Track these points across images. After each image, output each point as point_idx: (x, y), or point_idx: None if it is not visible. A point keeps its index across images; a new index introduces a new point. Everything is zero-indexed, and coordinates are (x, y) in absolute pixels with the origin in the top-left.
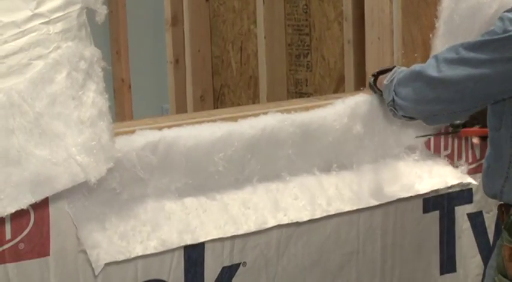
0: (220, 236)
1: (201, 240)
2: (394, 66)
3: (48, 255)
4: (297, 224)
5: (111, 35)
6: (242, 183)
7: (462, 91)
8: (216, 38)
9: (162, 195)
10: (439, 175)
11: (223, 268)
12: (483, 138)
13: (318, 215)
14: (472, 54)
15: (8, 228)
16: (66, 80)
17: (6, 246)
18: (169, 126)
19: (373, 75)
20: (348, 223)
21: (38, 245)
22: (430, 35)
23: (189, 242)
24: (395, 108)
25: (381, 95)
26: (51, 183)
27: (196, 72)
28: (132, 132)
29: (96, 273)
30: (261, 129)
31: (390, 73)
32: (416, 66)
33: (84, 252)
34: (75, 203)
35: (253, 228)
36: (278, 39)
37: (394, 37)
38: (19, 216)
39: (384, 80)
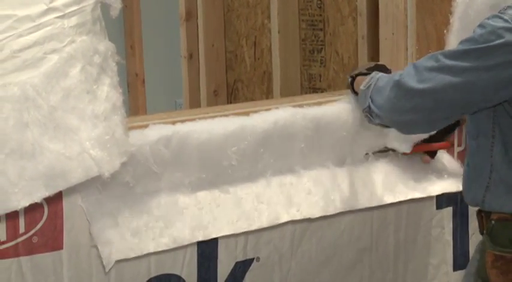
0: (232, 232)
1: (213, 236)
2: (374, 65)
3: (62, 248)
4: (311, 220)
5: (126, 29)
6: (256, 177)
7: (441, 100)
8: (230, 33)
9: (175, 189)
10: (454, 176)
11: (237, 263)
12: (430, 154)
13: (330, 212)
14: (453, 62)
15: (21, 221)
16: (80, 74)
17: (20, 239)
18: (182, 121)
19: (351, 76)
20: (362, 219)
21: (51, 239)
22: (445, 31)
23: (200, 239)
24: (371, 115)
25: (357, 96)
26: (64, 177)
27: (210, 67)
28: (146, 126)
29: (107, 270)
30: (273, 123)
31: (368, 78)
32: (395, 75)
33: (97, 247)
34: (89, 197)
35: (265, 224)
36: (292, 34)
37: (408, 33)
38: (33, 209)
39: (362, 83)
